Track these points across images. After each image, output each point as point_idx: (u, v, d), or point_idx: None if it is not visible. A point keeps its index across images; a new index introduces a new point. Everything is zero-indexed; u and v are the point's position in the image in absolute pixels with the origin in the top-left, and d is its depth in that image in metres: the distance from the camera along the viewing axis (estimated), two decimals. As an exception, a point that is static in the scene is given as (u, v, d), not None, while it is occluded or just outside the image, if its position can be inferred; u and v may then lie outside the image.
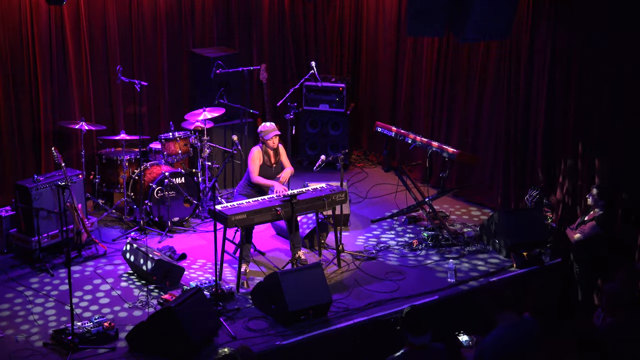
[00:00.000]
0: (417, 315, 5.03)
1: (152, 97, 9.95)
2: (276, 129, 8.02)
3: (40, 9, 8.87)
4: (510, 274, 7.96)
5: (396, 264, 8.20)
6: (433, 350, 5.02)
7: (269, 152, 8.04)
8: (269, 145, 8.00)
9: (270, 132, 7.97)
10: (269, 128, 8.00)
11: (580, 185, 8.28)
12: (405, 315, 5.04)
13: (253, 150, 8.05)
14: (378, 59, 11.13)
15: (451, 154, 8.71)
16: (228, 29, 10.57)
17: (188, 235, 8.87)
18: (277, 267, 7.86)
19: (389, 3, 10.81)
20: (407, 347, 4.99)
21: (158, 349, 6.49)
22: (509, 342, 5.16)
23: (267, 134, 7.97)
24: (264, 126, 8.05)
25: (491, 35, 8.02)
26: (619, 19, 7.73)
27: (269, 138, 7.96)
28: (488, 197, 9.62)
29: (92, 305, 7.32)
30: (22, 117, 9.03)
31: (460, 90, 9.81)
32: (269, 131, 7.98)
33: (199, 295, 6.77)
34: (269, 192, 8.02)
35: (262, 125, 8.07)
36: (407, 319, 5.00)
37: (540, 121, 8.75)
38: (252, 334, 6.84)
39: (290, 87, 10.03)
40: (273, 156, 8.09)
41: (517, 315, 5.22)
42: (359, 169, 10.98)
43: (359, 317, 7.13)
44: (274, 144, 8.01)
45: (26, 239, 8.09)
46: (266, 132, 7.98)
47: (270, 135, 7.96)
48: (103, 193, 9.28)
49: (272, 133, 7.97)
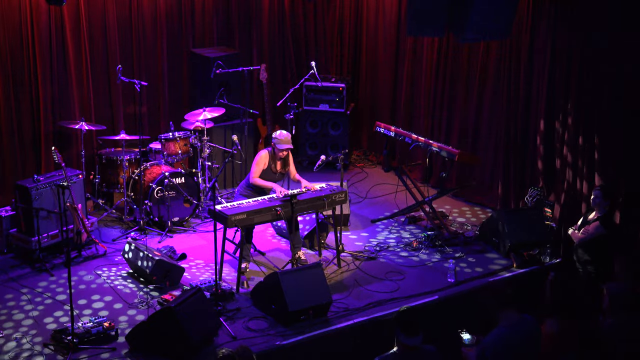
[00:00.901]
0: (411, 316, 5.03)
1: (152, 97, 9.95)
2: (290, 143, 7.93)
3: (40, 9, 8.87)
4: (510, 274, 7.97)
5: (396, 264, 8.20)
6: (424, 352, 5.01)
7: (276, 159, 8.02)
8: (277, 154, 7.97)
9: (283, 144, 7.88)
10: (284, 139, 7.89)
11: (581, 185, 8.28)
12: (399, 315, 5.04)
13: (261, 153, 8.03)
14: (378, 59, 11.13)
15: (451, 154, 8.71)
16: (228, 29, 10.57)
17: (188, 235, 8.87)
18: (277, 267, 7.86)
19: (389, 3, 10.81)
20: (398, 348, 4.97)
21: (158, 349, 6.49)
22: (510, 342, 5.16)
23: (281, 143, 7.89)
24: (281, 134, 7.92)
25: (491, 35, 8.02)
26: (619, 19, 7.73)
27: (281, 150, 7.92)
28: (488, 197, 9.62)
29: (92, 306, 7.31)
30: (22, 117, 9.03)
31: (460, 90, 9.81)
32: (283, 142, 7.88)
33: (199, 295, 6.77)
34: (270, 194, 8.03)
35: (279, 132, 7.94)
36: (401, 319, 4.99)
37: (540, 121, 8.75)
38: (252, 334, 6.84)
39: (290, 87, 10.03)
40: (280, 165, 8.05)
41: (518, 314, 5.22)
42: (359, 169, 10.98)
43: (359, 317, 7.13)
44: (283, 155, 7.98)
45: (26, 239, 8.09)
46: (280, 142, 7.89)
47: (283, 146, 7.89)
48: (103, 193, 9.28)
49: (285, 145, 7.88)
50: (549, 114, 8.66)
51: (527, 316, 5.28)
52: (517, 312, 5.22)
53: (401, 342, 4.94)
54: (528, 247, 8.19)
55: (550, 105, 8.63)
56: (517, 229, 8.27)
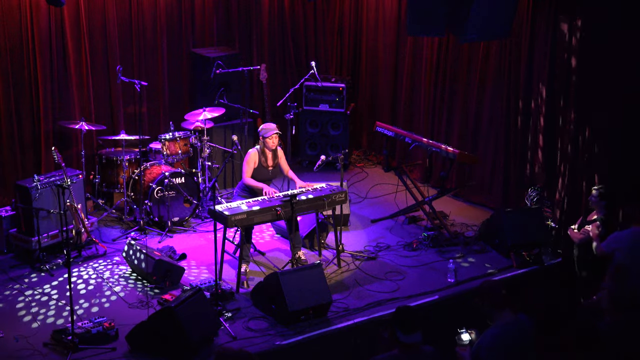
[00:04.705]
0: (409, 313, 5.00)
1: (152, 97, 9.95)
2: (276, 129, 8.03)
3: (40, 9, 8.87)
4: (510, 274, 7.97)
5: (396, 264, 8.20)
6: (423, 353, 4.96)
7: (266, 153, 8.03)
8: (267, 145, 7.98)
9: (270, 130, 7.97)
10: (270, 127, 8.02)
11: (581, 185, 8.28)
12: (397, 312, 4.99)
13: (249, 152, 8.05)
14: (378, 59, 11.13)
15: (451, 154, 8.71)
16: (228, 29, 10.57)
17: (188, 235, 8.87)
18: (277, 267, 7.86)
19: (389, 3, 10.81)
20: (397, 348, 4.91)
21: (158, 349, 6.49)
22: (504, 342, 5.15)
23: (268, 131, 7.96)
24: (266, 124, 8.08)
25: (491, 35, 8.03)
26: (619, 18, 7.74)
27: (269, 136, 7.95)
28: (488, 197, 9.62)
29: (92, 306, 7.32)
30: (22, 117, 9.02)
31: (460, 91, 9.81)
32: (270, 129, 7.98)
33: (198, 295, 6.77)
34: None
35: (262, 125, 8.10)
36: (399, 316, 4.94)
37: (540, 121, 8.76)
38: (252, 334, 6.84)
39: (290, 87, 10.03)
40: (271, 158, 8.07)
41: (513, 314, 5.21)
42: (359, 169, 10.98)
43: (359, 317, 7.13)
44: (274, 143, 8.00)
45: (26, 239, 8.09)
46: (266, 130, 7.98)
47: (270, 133, 7.95)
48: (103, 193, 9.28)
49: (272, 131, 7.96)
50: (549, 114, 8.66)
51: (522, 316, 5.27)
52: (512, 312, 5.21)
53: (400, 341, 4.88)
54: (528, 247, 8.19)
55: (550, 105, 8.64)
56: (517, 229, 8.27)
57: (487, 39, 8.71)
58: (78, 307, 7.25)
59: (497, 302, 5.20)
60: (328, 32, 11.44)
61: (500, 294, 5.22)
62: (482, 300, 5.25)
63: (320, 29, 11.32)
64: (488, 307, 5.22)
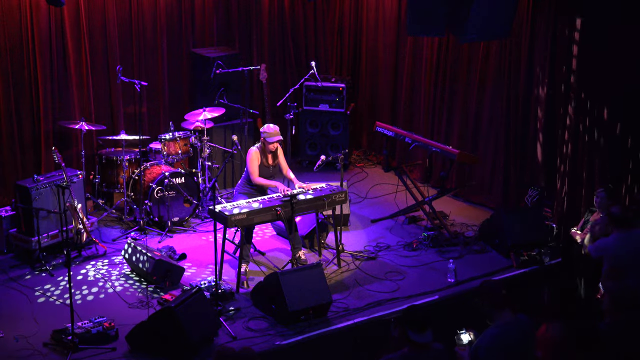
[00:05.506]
0: (419, 312, 5.00)
1: (152, 97, 9.94)
2: (279, 135, 7.99)
3: (40, 9, 8.87)
4: (510, 274, 7.97)
5: (396, 264, 8.20)
6: (434, 351, 4.98)
7: (267, 153, 8.03)
8: (267, 148, 7.98)
9: (273, 136, 7.93)
10: (273, 131, 7.95)
11: (581, 185, 8.28)
12: (407, 312, 4.99)
13: (250, 151, 8.04)
14: (378, 59, 11.13)
15: (451, 154, 8.71)
16: (228, 29, 10.57)
17: (188, 235, 8.87)
18: (277, 267, 7.86)
19: (389, 3, 10.81)
20: (408, 347, 4.93)
21: (158, 349, 6.49)
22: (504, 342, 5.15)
23: (271, 137, 7.93)
24: (268, 127, 7.99)
25: (491, 35, 8.03)
26: (619, 18, 7.74)
27: (271, 142, 7.94)
28: (488, 197, 9.62)
29: (92, 306, 7.32)
30: (22, 117, 9.02)
31: (460, 90, 9.81)
32: (273, 135, 7.93)
33: (198, 295, 6.77)
34: (269, 192, 8.03)
35: (266, 126, 8.02)
36: (410, 315, 4.94)
37: (540, 121, 8.76)
38: (252, 334, 6.85)
39: (290, 87, 10.02)
40: (271, 158, 8.07)
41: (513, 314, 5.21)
42: (359, 169, 10.98)
43: (359, 317, 7.13)
44: (274, 147, 8.00)
45: (26, 239, 8.08)
46: (269, 134, 7.94)
47: (273, 139, 7.92)
48: (103, 193, 9.28)
49: (275, 138, 7.93)
50: (549, 114, 8.66)
51: (522, 316, 5.27)
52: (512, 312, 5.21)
53: (411, 340, 4.86)
54: (528, 247, 8.19)
55: (550, 105, 8.64)
56: (517, 229, 8.27)
57: (487, 39, 8.71)
58: (80, 300, 7.26)
59: (497, 302, 5.20)
60: (328, 32, 11.44)
61: (500, 294, 5.22)
62: (482, 300, 5.24)
63: (320, 29, 11.32)
64: (488, 307, 5.22)
